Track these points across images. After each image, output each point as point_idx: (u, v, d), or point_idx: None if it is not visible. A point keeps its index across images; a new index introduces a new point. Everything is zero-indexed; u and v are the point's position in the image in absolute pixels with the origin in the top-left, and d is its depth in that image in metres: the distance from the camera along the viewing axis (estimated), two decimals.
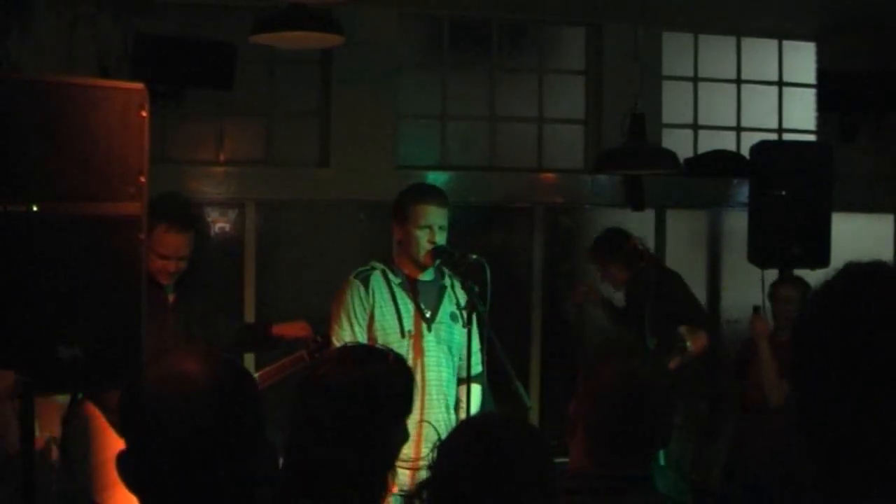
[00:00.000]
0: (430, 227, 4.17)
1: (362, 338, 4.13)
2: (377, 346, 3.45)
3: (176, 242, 4.20)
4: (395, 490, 2.55)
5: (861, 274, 1.48)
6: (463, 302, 4.15)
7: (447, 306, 4.27)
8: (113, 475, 1.70)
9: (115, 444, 1.54)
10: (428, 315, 4.21)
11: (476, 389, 4.25)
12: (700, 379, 5.77)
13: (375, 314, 4.17)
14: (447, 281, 4.31)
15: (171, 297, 4.31)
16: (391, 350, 2.62)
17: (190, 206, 4.42)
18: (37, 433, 3.27)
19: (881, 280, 1.46)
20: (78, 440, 3.97)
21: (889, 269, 1.48)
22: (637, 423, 2.20)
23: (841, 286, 1.48)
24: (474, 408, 4.23)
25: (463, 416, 4.21)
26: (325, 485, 2.27)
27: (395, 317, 4.17)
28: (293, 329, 4.58)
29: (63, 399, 3.85)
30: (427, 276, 4.28)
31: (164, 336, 4.13)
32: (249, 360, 5.75)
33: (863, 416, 1.39)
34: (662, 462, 4.78)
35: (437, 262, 4.20)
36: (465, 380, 4.22)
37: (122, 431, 1.70)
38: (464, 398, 4.22)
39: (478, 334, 4.17)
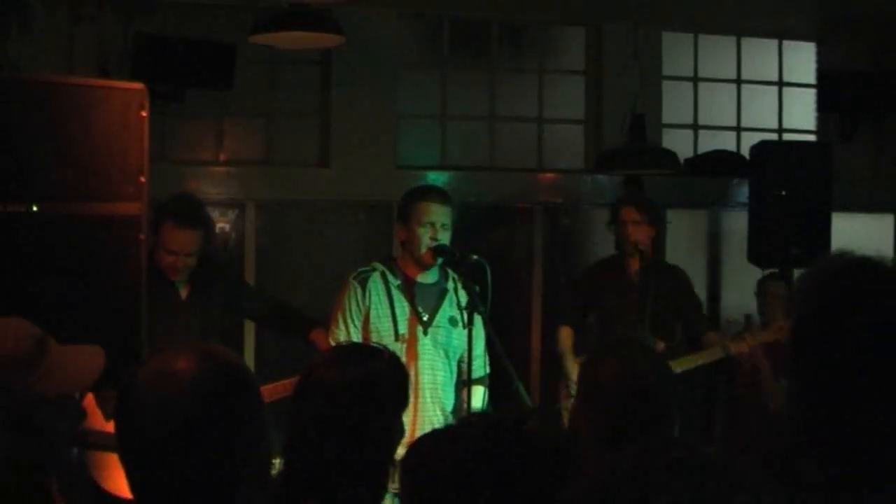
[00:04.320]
0: (432, 225, 4.14)
1: (357, 339, 4.10)
2: (371, 343, 3.45)
3: (182, 239, 4.27)
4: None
5: (854, 269, 1.48)
6: (465, 303, 4.13)
7: (447, 310, 4.22)
8: (109, 457, 1.68)
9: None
10: (425, 318, 4.18)
11: (478, 392, 4.20)
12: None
13: (371, 315, 4.14)
14: (450, 284, 4.27)
15: (182, 293, 4.39)
16: (385, 347, 2.62)
17: (199, 206, 4.50)
18: None
19: (878, 275, 1.47)
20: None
21: (876, 264, 1.49)
22: (638, 419, 2.20)
23: (838, 283, 1.48)
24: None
25: None
26: (326, 483, 2.27)
27: (389, 319, 4.15)
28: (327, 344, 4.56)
29: None
30: (429, 278, 4.25)
31: (176, 330, 4.22)
32: (248, 360, 5.76)
33: (866, 409, 1.40)
34: None
35: (440, 261, 4.18)
36: (466, 382, 4.18)
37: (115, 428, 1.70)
38: (465, 401, 4.18)
39: (483, 336, 4.14)
